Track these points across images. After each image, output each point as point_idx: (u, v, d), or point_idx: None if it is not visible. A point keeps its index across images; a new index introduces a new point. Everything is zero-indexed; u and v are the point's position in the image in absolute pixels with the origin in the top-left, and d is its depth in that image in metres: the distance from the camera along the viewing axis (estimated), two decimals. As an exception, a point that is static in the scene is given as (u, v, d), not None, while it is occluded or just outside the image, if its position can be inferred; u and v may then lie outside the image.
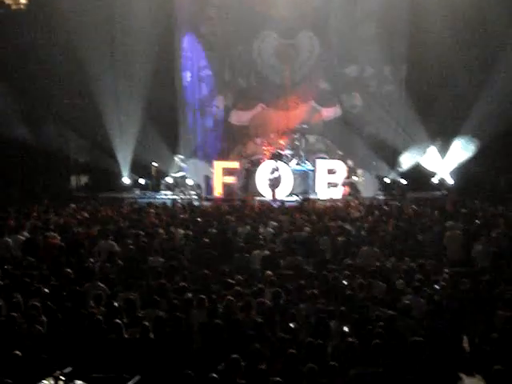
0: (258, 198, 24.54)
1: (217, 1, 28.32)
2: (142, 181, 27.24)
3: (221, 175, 26.89)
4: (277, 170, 25.27)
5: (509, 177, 26.03)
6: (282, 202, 23.11)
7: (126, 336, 10.10)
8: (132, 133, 27.11)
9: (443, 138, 26.45)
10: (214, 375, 8.38)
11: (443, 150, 26.51)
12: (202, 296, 11.18)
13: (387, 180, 26.89)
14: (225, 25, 28.27)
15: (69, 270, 12.88)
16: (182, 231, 16.67)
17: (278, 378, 8.37)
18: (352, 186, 25.25)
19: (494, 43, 25.68)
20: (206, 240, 15.61)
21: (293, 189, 25.78)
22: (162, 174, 27.16)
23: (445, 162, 26.58)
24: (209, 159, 27.75)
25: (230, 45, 28.40)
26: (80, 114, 26.69)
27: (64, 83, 26.80)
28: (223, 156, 28.07)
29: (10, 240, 15.52)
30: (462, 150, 26.15)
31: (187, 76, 28.77)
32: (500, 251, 14.77)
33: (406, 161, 26.93)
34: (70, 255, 14.52)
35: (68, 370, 8.85)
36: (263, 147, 27.24)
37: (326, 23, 28.10)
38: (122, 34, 27.10)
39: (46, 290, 11.71)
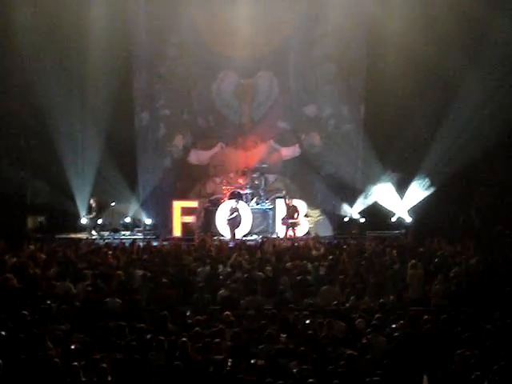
0: (218, 238, 24.49)
1: (176, 40, 28.36)
2: (99, 221, 27.00)
3: (180, 215, 26.79)
4: (236, 209, 25.25)
5: (466, 215, 26.26)
6: (241, 241, 23.07)
7: (83, 379, 9.92)
8: (90, 173, 26.93)
9: (401, 176, 26.68)
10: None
11: (401, 188, 26.72)
12: (161, 337, 11.06)
13: (346, 219, 27.03)
14: (183, 64, 28.31)
15: (25, 312, 12.66)
16: (140, 272, 16.51)
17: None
18: (295, 226, 25.17)
19: (449, 81, 26.08)
20: (165, 280, 15.47)
21: (252, 228, 25.78)
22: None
23: (403, 200, 26.78)
24: (167, 199, 27.57)
25: (189, 84, 28.44)
26: (37, 154, 26.49)
27: (21, 124, 26.61)
28: (182, 195, 27.95)
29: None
30: (419, 188, 26.39)
31: (145, 116, 28.71)
32: (459, 290, 14.88)
33: (364, 200, 27.08)
34: (26, 297, 14.29)
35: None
36: (223, 186, 27.27)
37: (285, 63, 28.37)
38: (81, 73, 27.00)
39: (3, 333, 11.50)
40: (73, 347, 10.92)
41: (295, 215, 25.21)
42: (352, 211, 27.14)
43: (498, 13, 25.04)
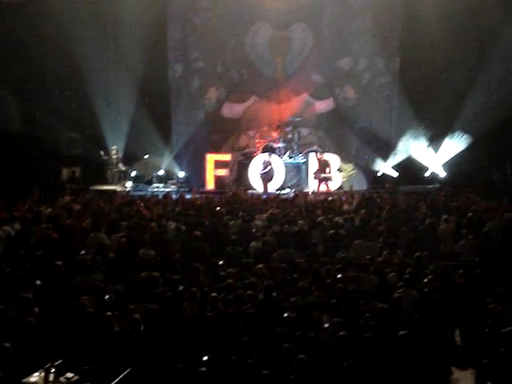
0: (250, 191, 24.55)
1: (210, -8, 28.27)
2: (133, 173, 27.14)
3: (213, 168, 26.85)
4: (269, 163, 25.22)
5: (502, 170, 26.03)
6: (274, 194, 23.11)
7: (116, 329, 10.06)
8: (124, 125, 27.05)
9: (436, 131, 26.44)
10: (204, 369, 8.36)
11: (436, 143, 26.51)
12: (194, 289, 11.14)
13: (380, 173, 26.92)
14: (218, 16, 28.15)
15: (60, 262, 12.82)
16: (173, 224, 16.62)
17: (267, 371, 8.36)
18: (327, 180, 25.12)
19: (487, 36, 25.82)
20: (198, 233, 15.54)
21: (285, 182, 25.76)
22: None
23: (437, 155, 26.58)
24: (201, 152, 27.60)
25: (223, 37, 28.27)
26: (71, 106, 26.61)
27: (55, 76, 26.69)
28: (215, 149, 27.96)
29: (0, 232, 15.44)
30: (454, 143, 26.16)
31: (179, 68, 28.67)
32: (491, 245, 14.81)
33: (399, 154, 26.92)
34: (61, 247, 14.47)
35: (59, 362, 8.79)
36: (256, 140, 27.21)
37: (320, 16, 28.09)
38: (114, 26, 27.10)
39: (38, 282, 11.67)
40: (106, 297, 11.06)
41: (327, 169, 25.13)
42: (386, 165, 26.98)
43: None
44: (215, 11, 28.23)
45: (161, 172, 27.17)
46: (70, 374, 8.66)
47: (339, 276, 12.40)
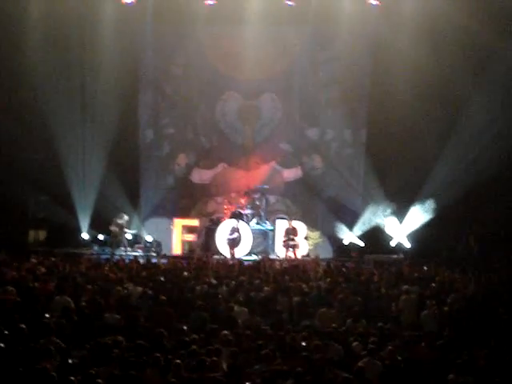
0: (217, 257, 24.58)
1: (182, 60, 28.67)
2: (101, 236, 27.09)
3: (180, 233, 26.89)
4: (237, 229, 25.33)
5: (465, 242, 26.29)
6: (241, 260, 23.15)
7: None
8: (93, 188, 27.07)
9: (402, 201, 26.72)
10: None
11: (401, 213, 26.76)
12: (157, 354, 11.10)
13: (346, 242, 27.09)
14: (189, 84, 28.58)
15: (24, 325, 12.71)
16: (139, 288, 16.58)
17: None
18: (295, 247, 25.26)
19: (454, 106, 26.22)
20: (163, 297, 15.52)
21: (252, 248, 25.84)
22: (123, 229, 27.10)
23: (402, 225, 26.82)
24: (169, 216, 27.67)
25: (194, 104, 28.66)
26: (40, 168, 26.58)
27: (25, 138, 26.73)
28: (184, 214, 28.04)
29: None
30: (419, 213, 26.43)
31: (149, 134, 28.90)
32: (454, 316, 14.93)
33: (364, 224, 27.13)
34: (25, 310, 14.34)
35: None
36: (224, 206, 27.35)
37: (289, 86, 28.58)
38: (86, 90, 27.26)
39: (1, 345, 11.55)
40: (70, 362, 10.97)
41: (295, 237, 25.29)
42: (352, 234, 27.18)
43: (503, 35, 25.16)
44: (186, 79, 28.66)
45: (128, 236, 27.13)
46: None
47: (304, 344, 12.42)
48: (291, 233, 25.33)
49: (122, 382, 10.14)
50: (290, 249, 25.16)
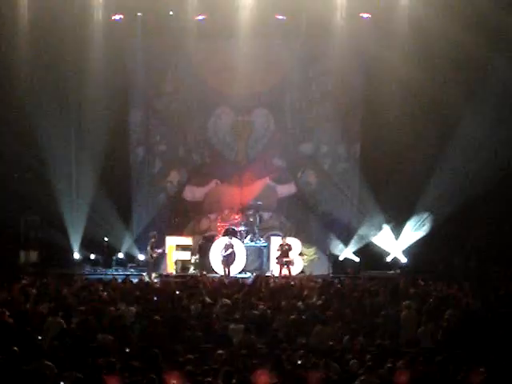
0: (211, 275, 24.40)
1: (172, 77, 28.60)
2: (92, 256, 26.94)
3: (174, 251, 26.69)
4: (231, 246, 25.16)
5: (462, 256, 26.17)
6: (235, 278, 22.98)
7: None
8: (84, 208, 26.92)
9: (397, 216, 26.63)
10: None
11: (397, 228, 26.67)
12: (152, 375, 10.91)
13: (341, 258, 26.94)
14: (180, 101, 28.52)
15: (16, 347, 12.51)
16: (133, 308, 16.39)
17: None
18: (289, 264, 25.07)
19: (448, 120, 26.25)
20: (157, 317, 15.33)
21: (246, 266, 25.68)
22: (113, 249, 26.95)
23: (398, 240, 26.71)
24: (161, 235, 27.47)
25: (185, 121, 28.59)
26: (31, 188, 26.35)
27: (15, 157, 26.59)
28: (176, 232, 27.85)
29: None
30: (415, 228, 26.34)
31: (140, 151, 28.78)
32: (452, 332, 14.78)
33: (360, 239, 27.01)
34: (17, 332, 14.15)
35: None
36: (217, 223, 27.23)
37: (282, 101, 28.56)
38: (76, 108, 27.16)
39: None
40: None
41: (289, 254, 25.11)
42: (347, 250, 27.04)
43: (497, 51, 25.18)
44: (178, 95, 28.59)
45: (120, 255, 26.95)
46: None
47: (300, 362, 12.24)
48: (285, 250, 25.13)
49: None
50: (285, 266, 24.97)
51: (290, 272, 24.87)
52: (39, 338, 13.90)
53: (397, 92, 26.17)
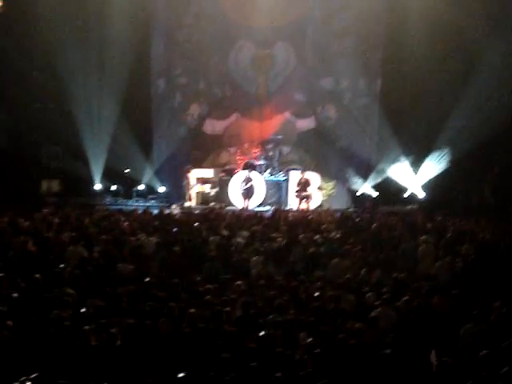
0: (230, 207, 24.57)
1: (194, 9, 28.38)
2: (113, 187, 27.15)
3: (194, 184, 26.82)
4: (250, 179, 25.24)
5: (480, 191, 26.14)
6: (254, 211, 23.12)
7: (93, 343, 10.00)
8: (105, 139, 27.01)
9: (416, 151, 26.55)
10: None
11: (415, 163, 26.61)
12: (172, 304, 11.11)
13: (359, 192, 26.99)
14: (201, 33, 28.30)
15: (38, 275, 12.75)
16: (153, 239, 16.59)
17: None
18: (308, 199, 25.17)
19: (469, 55, 25.89)
20: (177, 248, 15.53)
21: (265, 199, 25.78)
22: (134, 180, 27.14)
23: (417, 175, 26.68)
24: (182, 168, 27.60)
25: (206, 53, 28.43)
26: (53, 119, 26.44)
27: (37, 88, 26.62)
28: (196, 165, 27.94)
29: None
30: (434, 163, 26.27)
31: (161, 83, 28.73)
32: (468, 266, 14.86)
33: (378, 174, 27.00)
34: (39, 260, 14.39)
35: (34, 375, 8.72)
36: (237, 157, 27.25)
37: (303, 35, 28.24)
38: (98, 39, 27.03)
39: (15, 295, 11.60)
40: (84, 311, 11.01)
41: (308, 188, 25.18)
42: (366, 185, 27.07)
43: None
44: (199, 28, 28.34)
45: (141, 187, 27.15)
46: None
47: (317, 294, 12.40)
48: (304, 184, 25.20)
49: (136, 332, 10.16)
50: (304, 200, 25.07)
51: (308, 206, 24.99)
52: (61, 266, 14.13)
53: (419, 27, 25.76)
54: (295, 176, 26.08)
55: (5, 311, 10.57)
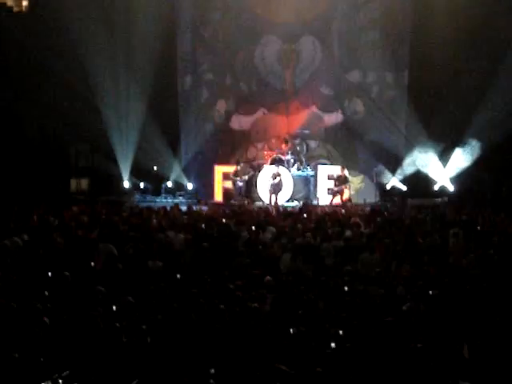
0: (259, 203, 24.58)
1: (219, 4, 28.44)
2: (142, 185, 27.28)
3: (221, 180, 26.88)
4: (278, 175, 25.22)
5: (510, 184, 25.93)
6: (283, 206, 23.11)
7: (124, 340, 10.05)
8: (133, 137, 27.12)
9: (445, 144, 26.37)
10: (212, 382, 8.35)
11: (445, 156, 26.44)
12: (202, 300, 11.14)
13: (388, 186, 26.88)
14: (227, 29, 28.35)
15: (68, 273, 12.84)
16: (181, 235, 16.64)
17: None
18: (341, 194, 25.09)
19: (497, 48, 25.61)
20: (206, 244, 15.56)
21: (293, 194, 25.76)
22: (162, 177, 27.25)
23: (446, 168, 26.52)
24: (209, 164, 27.68)
25: (232, 49, 28.47)
26: (81, 117, 26.59)
27: (66, 87, 26.73)
28: (223, 161, 27.99)
29: (8, 243, 15.47)
30: (463, 156, 26.08)
31: (188, 80, 28.82)
32: (500, 259, 14.75)
33: (407, 167, 26.87)
34: (70, 258, 14.49)
35: (66, 373, 8.78)
36: (264, 152, 27.25)
37: (329, 29, 28.16)
38: (124, 37, 27.13)
39: (47, 293, 11.69)
40: (114, 308, 11.06)
41: (345, 184, 25.09)
42: (395, 178, 26.96)
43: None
44: (225, 24, 28.41)
45: (169, 183, 27.26)
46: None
47: (347, 289, 12.38)
48: (343, 180, 25.10)
49: (166, 328, 10.19)
50: (337, 194, 25.02)
51: (342, 200, 24.92)
52: (91, 263, 14.21)
53: (446, 18, 25.60)
54: (324, 170, 26.06)
55: (39, 309, 10.65)
